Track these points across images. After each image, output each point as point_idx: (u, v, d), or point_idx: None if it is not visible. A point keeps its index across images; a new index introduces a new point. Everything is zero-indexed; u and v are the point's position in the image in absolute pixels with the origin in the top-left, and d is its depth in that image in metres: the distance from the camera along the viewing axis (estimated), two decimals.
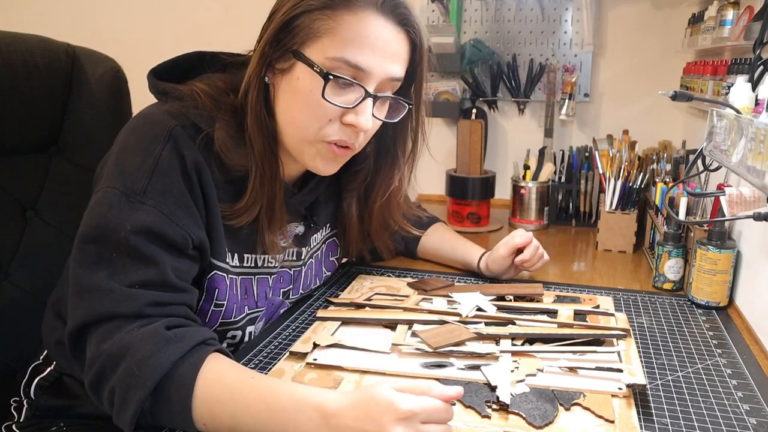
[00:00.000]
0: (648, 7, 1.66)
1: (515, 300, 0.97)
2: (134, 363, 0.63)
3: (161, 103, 0.78)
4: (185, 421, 0.63)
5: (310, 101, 0.75)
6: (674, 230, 1.07)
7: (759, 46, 0.90)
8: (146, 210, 0.69)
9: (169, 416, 0.64)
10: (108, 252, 0.68)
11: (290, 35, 0.75)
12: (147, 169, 0.70)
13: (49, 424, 0.86)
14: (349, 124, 0.76)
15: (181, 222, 0.71)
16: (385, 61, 0.76)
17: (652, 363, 0.81)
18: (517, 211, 1.55)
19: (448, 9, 1.75)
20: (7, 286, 1.00)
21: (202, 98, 0.76)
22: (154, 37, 2.04)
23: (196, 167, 0.73)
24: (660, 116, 1.71)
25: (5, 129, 0.98)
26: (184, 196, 0.72)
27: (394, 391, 0.59)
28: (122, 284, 0.67)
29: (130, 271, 0.68)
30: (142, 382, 0.62)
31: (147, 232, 0.69)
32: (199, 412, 0.63)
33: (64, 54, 1.05)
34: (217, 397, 0.63)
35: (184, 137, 0.73)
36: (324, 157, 0.79)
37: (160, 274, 0.69)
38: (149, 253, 0.69)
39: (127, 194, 0.69)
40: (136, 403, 0.62)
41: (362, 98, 0.76)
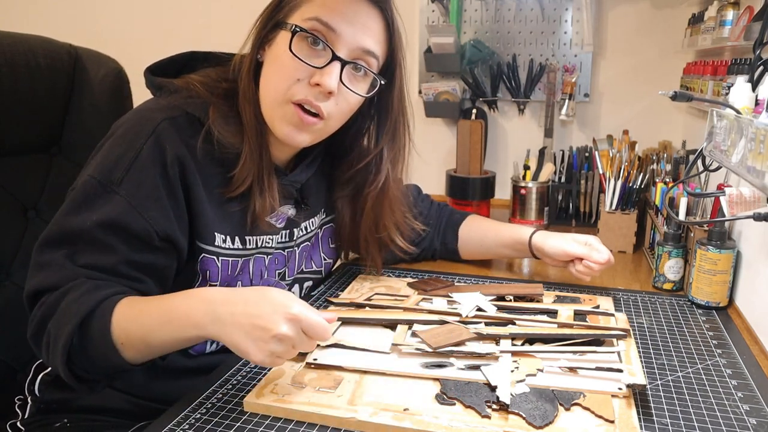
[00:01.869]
0: (648, 7, 1.66)
1: (515, 300, 0.97)
2: (66, 304, 0.71)
3: (156, 98, 0.83)
4: (106, 345, 0.69)
5: (282, 60, 0.79)
6: (674, 230, 1.08)
7: (759, 46, 0.91)
8: (117, 200, 0.74)
9: (94, 346, 0.70)
10: (71, 238, 0.74)
11: (279, 10, 0.82)
12: (127, 161, 0.76)
13: (53, 420, 0.87)
14: (315, 84, 0.79)
15: (148, 214, 0.75)
16: (356, 29, 0.80)
17: (652, 363, 0.81)
18: (517, 211, 1.55)
19: (448, 9, 1.75)
20: (8, 285, 1.00)
21: (197, 87, 0.82)
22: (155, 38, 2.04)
23: (178, 161, 0.77)
24: (660, 116, 1.71)
25: (7, 129, 0.99)
26: (158, 190, 0.76)
27: (287, 293, 0.67)
28: (75, 264, 0.73)
29: (86, 255, 0.74)
30: (71, 317, 0.69)
31: (110, 225, 0.74)
32: (116, 333, 0.69)
33: (67, 54, 1.05)
34: (129, 316, 0.70)
35: (170, 132, 0.78)
36: (290, 121, 0.81)
37: (113, 262, 0.75)
38: (108, 243, 0.74)
39: (103, 183, 0.75)
40: (67, 334, 0.69)
41: (330, 60, 0.79)
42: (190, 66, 0.88)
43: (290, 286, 0.98)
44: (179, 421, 0.67)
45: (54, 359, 0.71)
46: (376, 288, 1.04)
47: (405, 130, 0.95)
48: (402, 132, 0.94)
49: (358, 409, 0.67)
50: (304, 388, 0.72)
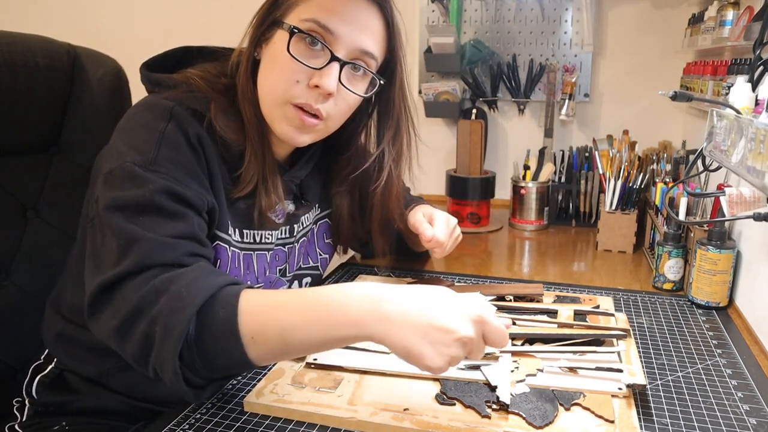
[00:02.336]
0: (648, 7, 1.66)
1: (515, 300, 0.97)
2: (182, 287, 0.62)
3: (155, 93, 0.81)
4: (232, 338, 0.60)
5: (281, 61, 0.78)
6: (674, 230, 1.08)
7: (759, 46, 0.91)
8: (158, 178, 0.70)
9: (214, 338, 0.61)
10: (134, 214, 0.68)
11: (276, 8, 0.81)
12: (154, 141, 0.72)
13: (51, 423, 0.87)
14: (315, 86, 0.78)
15: (192, 187, 0.73)
16: (354, 29, 0.79)
17: (652, 363, 0.81)
18: (517, 211, 1.55)
19: (448, 9, 1.75)
20: (7, 286, 1.00)
21: (197, 81, 0.80)
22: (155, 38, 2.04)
23: (199, 140, 0.76)
24: (660, 116, 1.71)
25: (6, 129, 0.99)
26: (192, 165, 0.74)
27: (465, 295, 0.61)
28: (158, 234, 0.67)
29: (161, 226, 0.68)
30: (189, 302, 0.61)
31: (168, 192, 0.70)
32: (246, 326, 0.61)
33: (66, 54, 1.05)
34: (262, 308, 0.62)
35: (185, 115, 0.76)
36: (291, 122, 0.80)
37: (189, 227, 0.71)
38: (175, 210, 0.70)
39: (140, 165, 0.71)
40: (184, 322, 0.60)
41: (329, 61, 0.78)
42: (185, 61, 0.87)
43: (290, 282, 0.98)
44: (179, 421, 0.67)
45: (161, 355, 0.61)
46: None
47: (408, 126, 0.94)
48: (405, 128, 0.94)
49: (358, 409, 0.67)
50: (304, 388, 0.72)
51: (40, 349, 0.95)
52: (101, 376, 0.85)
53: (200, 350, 0.61)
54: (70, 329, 0.87)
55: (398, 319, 0.58)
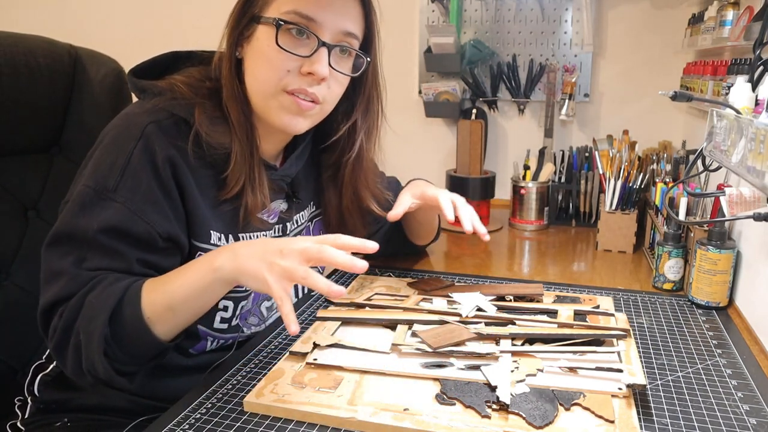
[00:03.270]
0: (648, 7, 1.66)
1: (515, 300, 0.97)
2: (91, 301, 0.70)
3: (140, 101, 0.83)
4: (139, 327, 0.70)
5: (269, 54, 0.80)
6: (674, 230, 1.08)
7: (759, 46, 0.91)
8: (115, 207, 0.75)
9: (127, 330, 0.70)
10: (77, 245, 0.74)
11: (251, 5, 0.82)
12: (119, 167, 0.76)
13: (53, 420, 0.87)
14: (308, 73, 0.80)
15: (148, 217, 0.76)
16: (336, 13, 0.81)
17: (652, 363, 0.81)
18: (517, 211, 1.55)
19: (448, 9, 1.75)
20: (8, 285, 1.00)
21: (181, 87, 0.82)
22: (156, 39, 2.04)
23: (169, 161, 0.78)
24: (660, 116, 1.71)
25: (7, 129, 0.99)
26: (153, 192, 0.77)
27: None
28: (88, 269, 0.73)
29: (97, 260, 0.74)
30: (100, 310, 0.69)
31: (112, 231, 0.74)
32: (145, 312, 0.71)
33: (67, 55, 1.05)
34: (153, 289, 0.72)
35: (158, 134, 0.78)
36: (289, 109, 0.82)
37: (125, 264, 0.75)
38: (115, 247, 0.75)
39: (98, 191, 0.75)
40: (99, 328, 0.69)
41: (317, 47, 0.80)
42: (173, 66, 0.88)
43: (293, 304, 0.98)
44: (179, 421, 0.67)
45: (90, 357, 0.70)
46: (376, 288, 1.04)
47: (378, 102, 0.96)
48: (375, 103, 0.96)
49: (358, 409, 0.67)
50: (304, 388, 0.72)
51: (40, 349, 0.95)
52: None
53: (119, 344, 0.70)
54: None
55: (245, 253, 0.69)
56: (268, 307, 0.96)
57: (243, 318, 0.90)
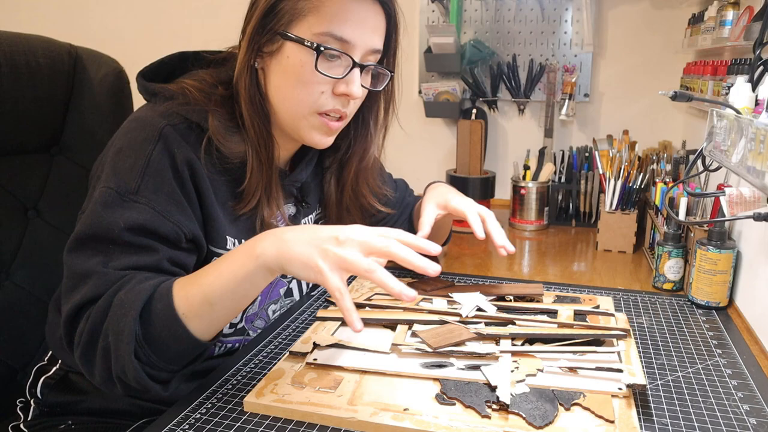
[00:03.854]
0: (648, 7, 1.66)
1: (515, 300, 0.97)
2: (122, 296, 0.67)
3: (152, 104, 0.81)
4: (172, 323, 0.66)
5: (303, 76, 0.79)
6: (674, 230, 1.08)
7: (759, 46, 0.91)
8: (139, 208, 0.72)
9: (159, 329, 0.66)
10: (103, 246, 0.71)
11: (275, 19, 0.79)
12: (139, 168, 0.73)
13: (57, 422, 0.87)
14: (342, 94, 0.80)
15: (173, 218, 0.74)
16: (366, 33, 0.80)
17: (652, 363, 0.81)
18: (517, 211, 1.55)
19: (448, 9, 1.75)
20: (8, 285, 1.00)
21: (193, 93, 0.80)
22: (156, 38, 2.04)
23: (187, 164, 0.76)
24: (660, 116, 1.71)
25: (7, 129, 0.99)
26: (176, 193, 0.75)
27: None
28: (116, 269, 0.70)
29: (124, 258, 0.71)
30: (128, 309, 0.66)
31: (140, 229, 0.72)
32: (180, 307, 0.66)
33: (67, 54, 1.05)
34: (188, 284, 0.68)
35: (175, 136, 0.76)
36: (319, 129, 0.83)
37: (155, 260, 0.73)
38: (144, 243, 0.72)
39: (120, 193, 0.72)
40: (129, 325, 0.65)
41: (351, 68, 0.79)
42: (181, 67, 0.87)
43: (290, 282, 0.98)
44: (179, 421, 0.67)
45: (120, 360, 0.65)
46: (376, 288, 1.04)
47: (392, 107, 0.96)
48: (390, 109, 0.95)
49: (358, 409, 0.67)
50: (304, 388, 0.72)
51: (41, 349, 0.95)
52: None
53: (151, 345, 0.66)
54: None
55: (291, 238, 0.65)
56: (274, 309, 0.96)
57: (249, 321, 0.90)
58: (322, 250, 0.63)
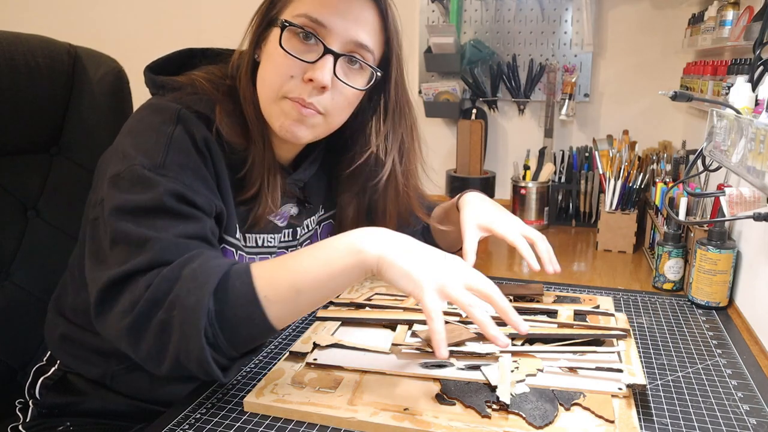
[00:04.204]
0: (648, 7, 1.66)
1: (515, 300, 0.97)
2: (195, 269, 0.63)
3: (158, 96, 0.81)
4: (252, 304, 0.63)
5: (275, 57, 0.78)
6: (674, 230, 1.08)
7: (759, 46, 0.91)
8: (167, 182, 0.70)
9: (234, 309, 0.63)
10: (145, 217, 0.68)
11: (273, 8, 0.81)
12: (162, 145, 0.71)
13: (55, 424, 0.87)
14: (309, 80, 0.77)
15: (202, 192, 0.73)
16: (347, 21, 0.78)
17: (652, 363, 0.81)
18: (517, 211, 1.55)
19: (448, 9, 1.75)
20: (7, 285, 1.00)
21: (202, 83, 0.80)
22: (155, 38, 2.04)
23: (206, 143, 0.75)
24: (660, 116, 1.71)
25: (7, 129, 0.99)
26: (201, 170, 0.74)
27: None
28: (167, 235, 0.67)
29: (172, 227, 0.68)
30: (204, 280, 0.62)
31: (179, 196, 0.70)
32: (261, 289, 0.63)
33: (66, 54, 1.05)
34: (273, 267, 0.65)
35: (192, 118, 0.75)
36: (289, 114, 0.79)
37: (200, 228, 0.71)
38: (186, 212, 0.70)
39: (149, 168, 0.70)
40: (204, 298, 0.61)
41: (322, 54, 0.77)
42: (189, 63, 0.87)
43: None
44: (179, 421, 0.67)
45: (184, 338, 0.61)
46: (376, 288, 1.04)
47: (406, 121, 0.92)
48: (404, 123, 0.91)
49: (358, 409, 0.67)
50: (304, 388, 0.72)
51: (40, 350, 0.95)
52: (105, 377, 0.85)
53: (222, 325, 0.62)
54: (73, 331, 0.86)
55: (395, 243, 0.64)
56: None
57: None
58: (429, 269, 0.62)
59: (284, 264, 0.66)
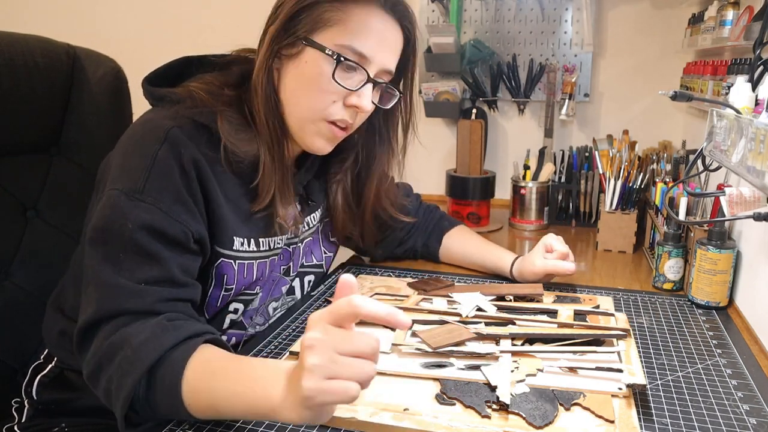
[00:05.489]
0: (648, 7, 1.66)
1: (515, 300, 0.97)
2: (131, 349, 0.66)
3: (158, 109, 0.81)
4: (175, 404, 0.64)
5: (319, 83, 0.81)
6: (674, 230, 1.08)
7: (759, 46, 0.91)
8: (145, 207, 0.72)
9: (161, 399, 0.65)
10: (114, 251, 0.71)
11: (300, 24, 0.81)
12: (145, 168, 0.74)
13: (51, 425, 0.87)
14: (352, 106, 0.82)
15: (180, 217, 0.74)
16: (384, 51, 0.83)
17: (652, 363, 0.81)
18: (517, 211, 1.55)
19: (448, 9, 1.75)
20: (7, 285, 1.00)
21: (200, 94, 0.80)
22: (154, 38, 2.04)
23: (194, 163, 0.76)
24: (660, 116, 1.71)
25: (6, 129, 0.99)
26: (181, 193, 0.75)
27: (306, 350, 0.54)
28: (130, 281, 0.70)
29: (137, 269, 0.71)
30: (136, 366, 0.64)
31: (148, 229, 0.72)
32: (185, 394, 0.64)
33: (65, 54, 1.05)
34: (200, 376, 0.64)
35: (181, 137, 0.76)
36: (324, 136, 0.85)
37: (165, 270, 0.72)
38: (153, 250, 0.72)
39: (127, 193, 0.72)
40: (130, 386, 0.64)
41: (365, 82, 0.82)
42: (186, 72, 0.87)
43: (292, 281, 0.98)
44: (179, 421, 0.67)
45: (114, 407, 0.66)
46: (376, 288, 1.04)
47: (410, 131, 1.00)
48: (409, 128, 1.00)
49: (358, 409, 0.67)
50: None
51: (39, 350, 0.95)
52: None
53: (150, 406, 0.65)
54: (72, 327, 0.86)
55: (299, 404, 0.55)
56: (275, 307, 0.96)
57: (249, 316, 0.91)
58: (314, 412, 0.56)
59: (210, 383, 0.63)
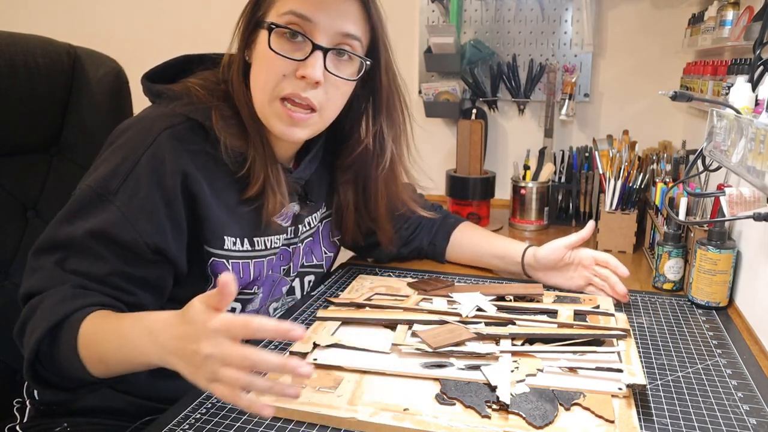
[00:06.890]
0: (648, 7, 1.66)
1: (515, 300, 0.97)
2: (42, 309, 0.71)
3: (156, 105, 0.82)
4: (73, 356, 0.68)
5: (266, 59, 0.80)
6: (674, 230, 1.08)
7: (759, 46, 0.91)
8: (111, 210, 0.74)
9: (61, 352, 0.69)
10: (63, 244, 0.74)
11: (259, 9, 0.82)
12: (124, 171, 0.75)
13: (53, 425, 0.87)
14: (301, 77, 0.79)
15: (138, 226, 0.74)
16: (331, 14, 0.79)
17: (652, 363, 0.81)
18: (517, 211, 1.55)
19: (448, 9, 1.75)
20: (7, 285, 1.00)
21: (197, 90, 0.81)
22: (155, 38, 2.04)
23: (179, 171, 0.77)
24: (660, 116, 1.71)
25: (6, 129, 0.99)
26: (152, 202, 0.75)
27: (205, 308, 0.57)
28: (64, 270, 0.73)
29: (76, 262, 0.73)
30: (43, 322, 0.69)
31: (101, 235, 0.73)
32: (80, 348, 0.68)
33: (66, 54, 1.05)
34: (89, 334, 0.68)
35: (171, 142, 0.77)
36: (281, 117, 0.81)
37: (104, 272, 0.74)
38: (99, 253, 0.74)
39: (99, 193, 0.74)
40: (36, 339, 0.69)
41: (311, 50, 0.78)
42: (186, 70, 0.88)
43: (293, 280, 0.98)
44: (179, 421, 0.67)
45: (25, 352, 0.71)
46: (376, 288, 1.04)
47: (400, 105, 0.94)
48: (397, 108, 0.94)
49: (358, 409, 0.67)
50: (304, 388, 0.72)
51: None
52: None
53: (53, 361, 0.70)
54: None
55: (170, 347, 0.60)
56: (275, 307, 0.96)
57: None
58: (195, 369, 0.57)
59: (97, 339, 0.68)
